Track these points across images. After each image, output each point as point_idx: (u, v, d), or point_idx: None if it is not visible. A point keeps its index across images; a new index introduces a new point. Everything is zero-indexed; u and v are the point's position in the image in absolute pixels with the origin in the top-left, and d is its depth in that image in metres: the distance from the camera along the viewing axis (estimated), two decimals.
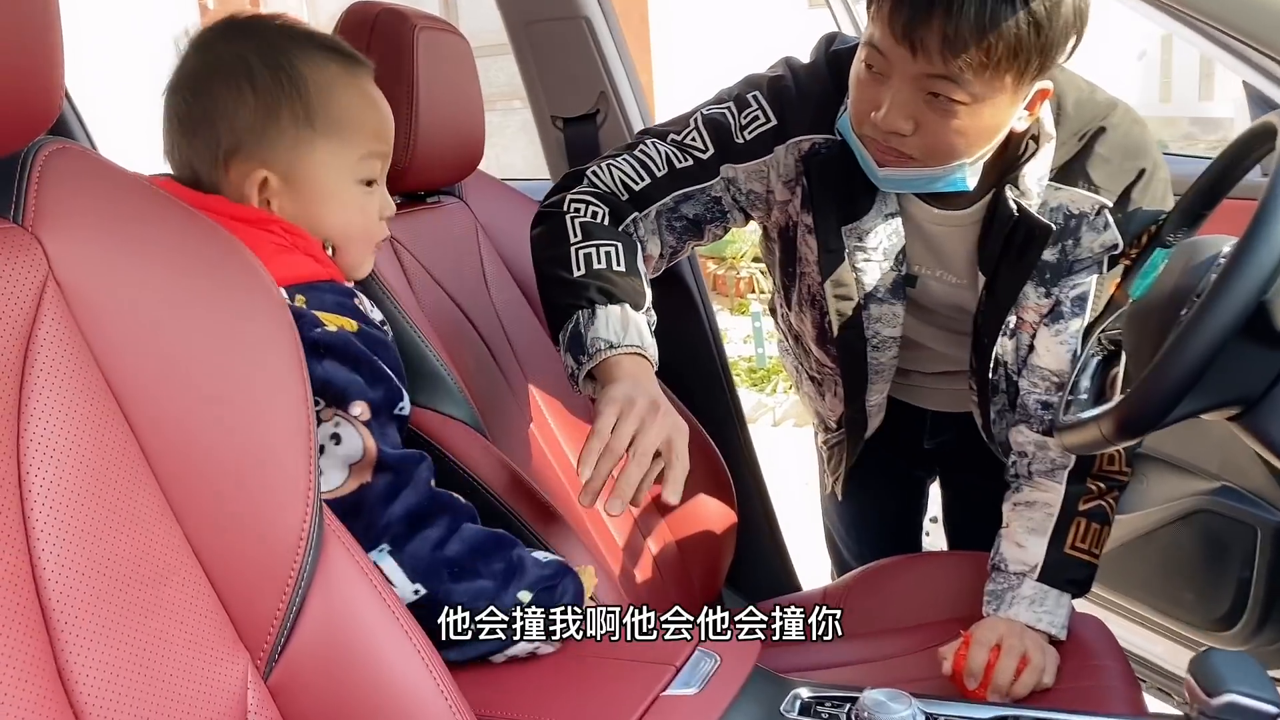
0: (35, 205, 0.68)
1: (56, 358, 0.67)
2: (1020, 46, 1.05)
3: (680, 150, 1.29)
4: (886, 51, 1.09)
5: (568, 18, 1.55)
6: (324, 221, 0.97)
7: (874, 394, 1.45)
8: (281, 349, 0.80)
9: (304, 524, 0.78)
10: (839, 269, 1.30)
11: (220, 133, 0.94)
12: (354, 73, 0.98)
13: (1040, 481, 1.33)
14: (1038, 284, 1.26)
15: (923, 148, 1.14)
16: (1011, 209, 1.21)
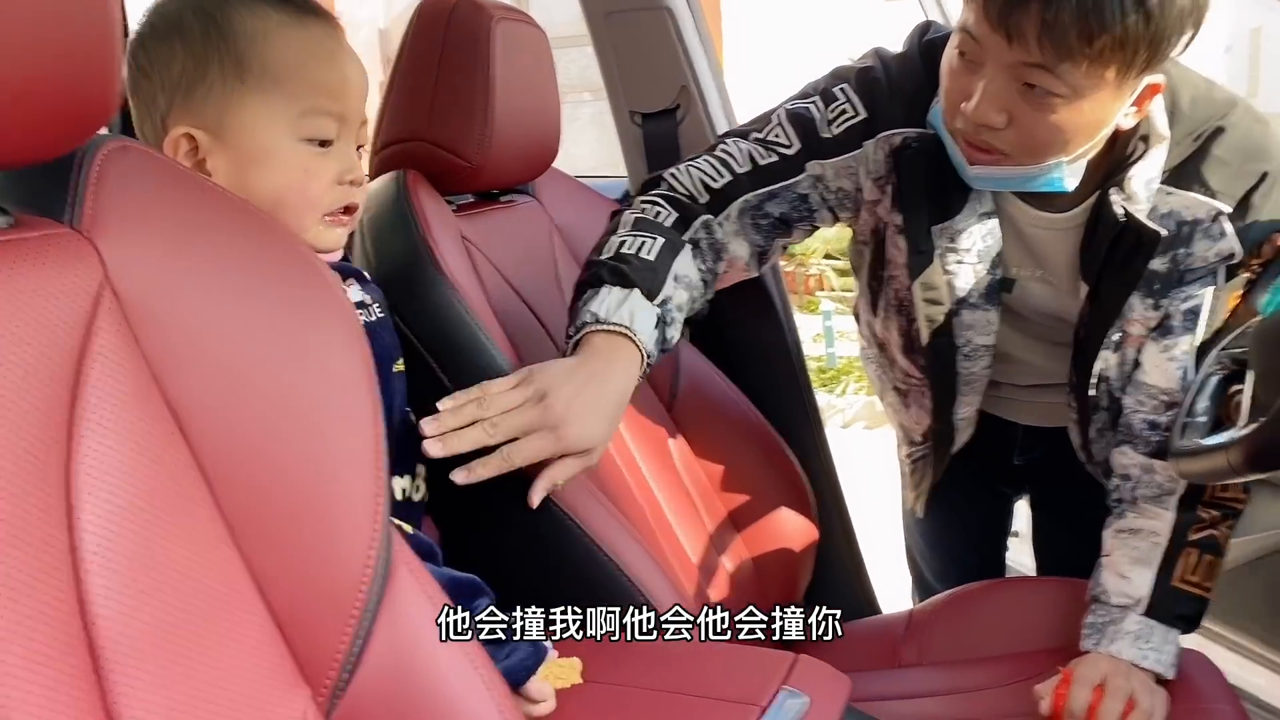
0: (92, 208, 0.64)
1: (112, 373, 0.63)
2: (1127, 37, 0.97)
3: (764, 146, 1.23)
4: (981, 38, 1.02)
5: (650, 8, 1.48)
6: (256, 183, 0.89)
7: (964, 407, 1.37)
8: (350, 360, 0.74)
9: (371, 548, 0.73)
10: (929, 271, 1.23)
11: (155, 91, 0.89)
12: (301, 23, 0.90)
13: (1146, 508, 1.24)
14: (1145, 295, 1.17)
15: (1016, 143, 1.06)
16: (1117, 214, 1.13)
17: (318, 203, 0.93)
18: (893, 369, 1.45)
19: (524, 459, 1.00)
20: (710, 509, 1.43)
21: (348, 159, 0.94)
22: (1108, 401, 1.27)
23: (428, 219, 1.13)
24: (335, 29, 0.94)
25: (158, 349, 0.65)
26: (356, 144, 0.96)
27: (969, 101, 1.05)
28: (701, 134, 1.57)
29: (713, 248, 1.22)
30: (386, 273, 1.12)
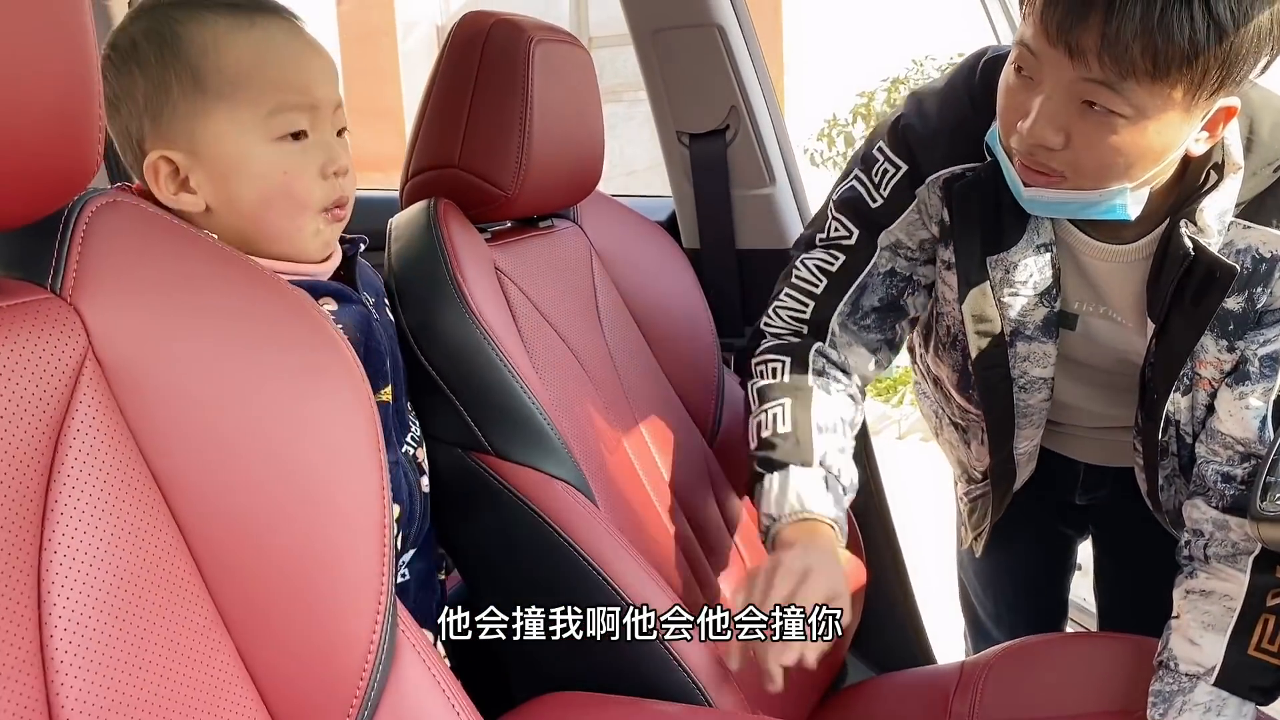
0: (76, 271, 0.59)
1: (93, 448, 0.58)
2: (1196, 54, 0.89)
3: (828, 250, 1.22)
4: (1039, 53, 0.95)
5: (699, 25, 1.42)
6: (239, 192, 0.87)
7: (1023, 440, 1.30)
8: (354, 427, 0.69)
9: (374, 633, 0.68)
10: (980, 301, 1.16)
11: (127, 120, 0.87)
12: (252, 23, 0.87)
13: (1219, 568, 1.15)
14: (1219, 335, 1.08)
15: (1074, 165, 0.99)
16: (1187, 247, 1.04)
17: (306, 201, 0.89)
18: (949, 404, 1.38)
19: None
20: (751, 549, 1.37)
21: (327, 149, 0.90)
22: (1177, 447, 1.19)
23: (456, 251, 1.08)
24: (289, 22, 0.90)
25: (144, 421, 0.61)
26: (336, 129, 0.92)
27: (1025, 120, 0.98)
28: (751, 154, 1.50)
29: (838, 367, 1.22)
30: (412, 304, 1.07)
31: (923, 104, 1.18)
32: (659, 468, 1.31)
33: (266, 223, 0.89)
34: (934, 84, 1.20)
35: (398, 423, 1.00)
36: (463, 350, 1.04)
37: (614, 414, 1.27)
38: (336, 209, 0.92)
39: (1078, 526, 1.55)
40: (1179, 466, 1.20)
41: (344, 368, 0.70)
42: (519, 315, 1.17)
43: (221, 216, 0.88)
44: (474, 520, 1.08)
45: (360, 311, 0.95)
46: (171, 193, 0.86)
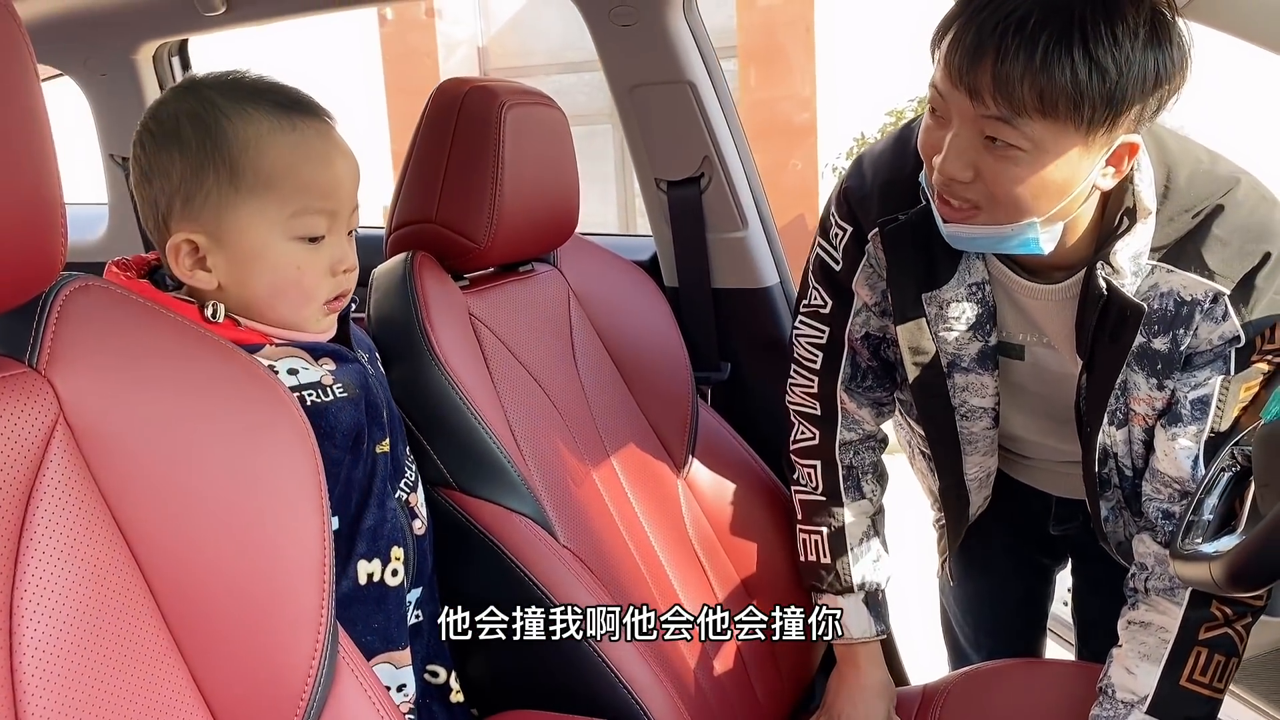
0: (51, 347, 0.69)
1: (61, 501, 0.68)
2: (1081, 94, 0.96)
3: (813, 324, 1.34)
4: (945, 94, 1.03)
5: (672, 82, 1.50)
6: (252, 280, 0.95)
7: (971, 466, 1.36)
8: (300, 473, 0.79)
9: (314, 657, 0.77)
10: (916, 334, 1.24)
11: (157, 194, 0.94)
12: (293, 126, 0.94)
13: (1157, 600, 1.20)
14: (1149, 374, 1.14)
15: (985, 196, 1.05)
16: (1101, 287, 1.10)
17: (313, 294, 0.98)
18: (914, 434, 1.45)
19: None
20: (721, 576, 1.44)
21: (338, 250, 0.99)
22: (1119, 479, 1.24)
23: (428, 302, 1.17)
24: (325, 125, 0.98)
25: (109, 475, 0.70)
26: (349, 229, 1.00)
27: (939, 156, 1.05)
28: (725, 201, 1.58)
29: (860, 442, 1.38)
30: (388, 353, 1.17)
31: (862, 166, 1.26)
32: (628, 497, 1.39)
33: (273, 308, 0.97)
34: (874, 147, 1.28)
35: (393, 469, 1.07)
36: (429, 394, 1.14)
37: (584, 448, 1.35)
38: (337, 300, 1.01)
39: (1055, 555, 1.60)
40: (1123, 498, 1.26)
41: (290, 424, 0.80)
42: (491, 358, 1.26)
43: (231, 294, 0.96)
44: (447, 552, 1.17)
45: (358, 369, 1.03)
46: (188, 269, 0.94)
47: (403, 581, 1.03)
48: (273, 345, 0.97)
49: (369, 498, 1.00)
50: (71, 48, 1.91)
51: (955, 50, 0.99)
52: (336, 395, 0.97)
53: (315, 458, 0.80)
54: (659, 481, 1.44)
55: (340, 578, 0.97)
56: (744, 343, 1.67)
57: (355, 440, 0.99)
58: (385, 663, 1.01)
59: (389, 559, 1.01)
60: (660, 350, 1.51)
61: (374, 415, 1.03)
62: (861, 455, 1.39)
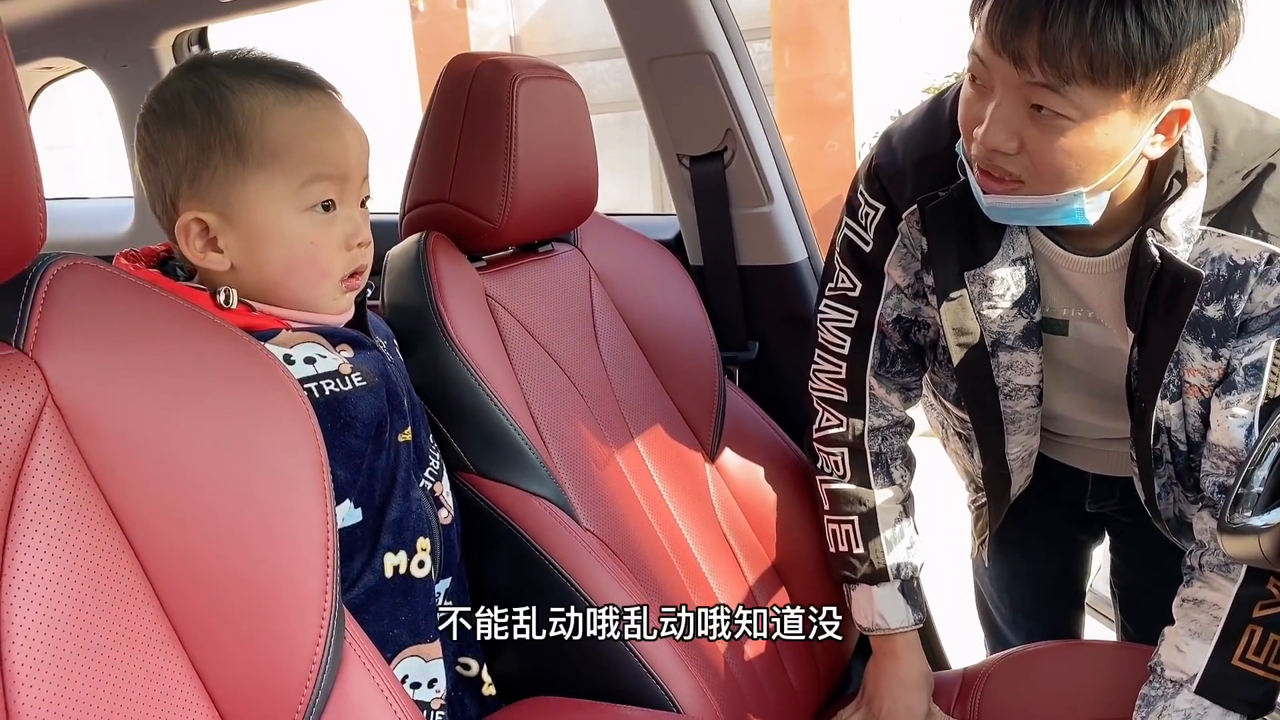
0: (38, 328, 0.67)
1: (51, 486, 0.66)
2: (1133, 59, 0.91)
3: (840, 307, 1.29)
4: (988, 61, 0.99)
5: (692, 53, 1.46)
6: (266, 256, 0.92)
7: (1014, 446, 1.32)
8: (301, 455, 0.76)
9: (318, 645, 0.74)
10: (959, 314, 1.19)
11: (163, 175, 0.91)
12: (299, 98, 0.93)
13: (1211, 577, 1.15)
14: (1203, 344, 1.09)
15: (1029, 169, 1.01)
16: (1154, 255, 1.05)
17: (328, 269, 0.95)
18: (949, 415, 1.41)
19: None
20: (753, 560, 1.41)
21: (351, 222, 0.96)
22: (1170, 455, 1.19)
23: (442, 284, 1.15)
24: (331, 98, 0.96)
25: (101, 458, 0.68)
26: (361, 198, 0.98)
27: (980, 127, 1.01)
28: (749, 175, 1.53)
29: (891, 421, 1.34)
30: (403, 337, 1.14)
31: (891, 142, 1.22)
32: (655, 481, 1.36)
33: (288, 287, 0.94)
34: (902, 121, 1.24)
35: (416, 459, 1.04)
36: (444, 377, 1.11)
37: (608, 430, 1.32)
38: (354, 277, 0.98)
39: (1091, 531, 1.56)
40: (1175, 474, 1.21)
41: (292, 406, 0.77)
42: (509, 339, 1.23)
43: (244, 275, 0.93)
44: (470, 538, 1.14)
45: (376, 356, 1.00)
46: (199, 250, 0.92)
47: (430, 573, 1.00)
48: (289, 330, 0.94)
49: (393, 488, 0.98)
50: (91, 41, 1.91)
51: (998, 15, 0.95)
52: (355, 384, 0.95)
53: (316, 438, 0.77)
54: (686, 465, 1.41)
55: (365, 571, 0.95)
56: (772, 321, 1.62)
57: (377, 430, 0.96)
58: (413, 656, 0.98)
59: (415, 550, 0.99)
60: (685, 330, 1.48)
61: (395, 404, 1.00)
62: (890, 441, 1.35)
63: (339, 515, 0.92)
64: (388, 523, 0.96)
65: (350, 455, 0.93)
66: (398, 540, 0.97)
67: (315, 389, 0.92)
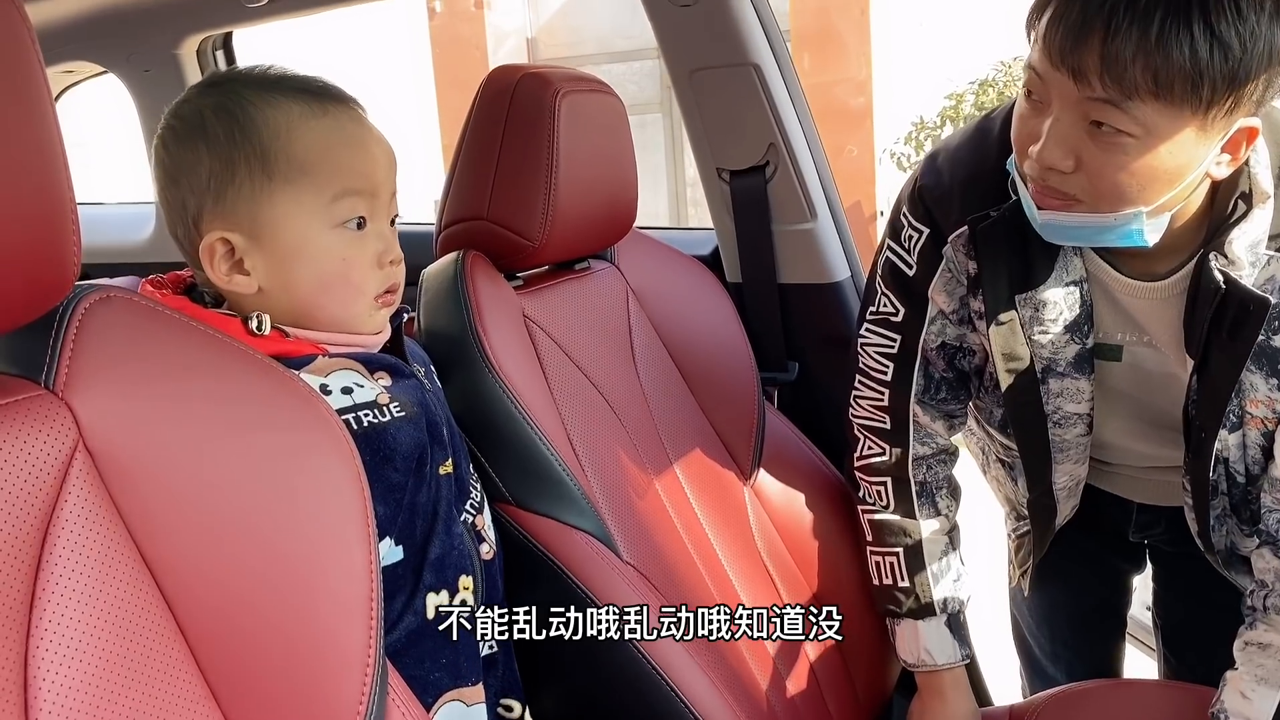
0: (69, 367, 0.63)
1: (83, 536, 0.62)
2: (1200, 74, 0.86)
3: (883, 333, 1.25)
4: (1045, 76, 0.94)
5: (736, 65, 1.41)
6: (297, 276, 0.88)
7: (1061, 474, 1.27)
8: (344, 498, 0.72)
9: (361, 701, 0.70)
10: (1009, 339, 1.14)
11: (185, 195, 0.87)
12: (324, 110, 0.89)
13: (1277, 620, 1.10)
14: (1269, 374, 1.04)
15: (1087, 188, 0.96)
16: (1218, 280, 1.00)
17: (362, 287, 0.91)
18: (992, 442, 1.36)
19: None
20: (792, 589, 1.36)
21: (383, 239, 0.92)
22: (1227, 485, 1.15)
23: (480, 305, 1.10)
24: (356, 112, 0.92)
25: (134, 507, 0.64)
26: (390, 216, 0.94)
27: (1036, 144, 0.96)
28: (792, 191, 1.49)
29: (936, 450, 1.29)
30: (439, 359, 1.10)
31: (937, 162, 1.17)
32: (693, 508, 1.31)
33: (320, 307, 0.90)
34: (949, 140, 1.19)
35: (457, 491, 1.00)
36: (482, 403, 1.07)
37: (646, 456, 1.27)
38: (388, 294, 0.94)
39: (1134, 560, 1.51)
40: (1230, 506, 1.17)
41: (334, 445, 0.73)
42: (547, 362, 1.19)
43: (274, 298, 0.89)
44: (508, 572, 1.10)
45: (414, 385, 0.96)
46: (224, 273, 0.87)
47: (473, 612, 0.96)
48: (326, 357, 0.90)
49: (435, 524, 0.93)
50: (114, 44, 1.87)
51: (1056, 27, 0.90)
52: (394, 415, 0.90)
53: (361, 481, 0.73)
54: (725, 490, 1.36)
55: (406, 612, 0.90)
56: (812, 342, 1.57)
57: (418, 463, 0.92)
58: (455, 700, 0.93)
59: (457, 589, 0.94)
60: (724, 350, 1.43)
61: (435, 434, 0.95)
62: (935, 470, 1.30)
63: (381, 554, 0.87)
64: (430, 561, 0.92)
65: (390, 490, 0.88)
66: (439, 579, 0.92)
67: (354, 420, 0.87)
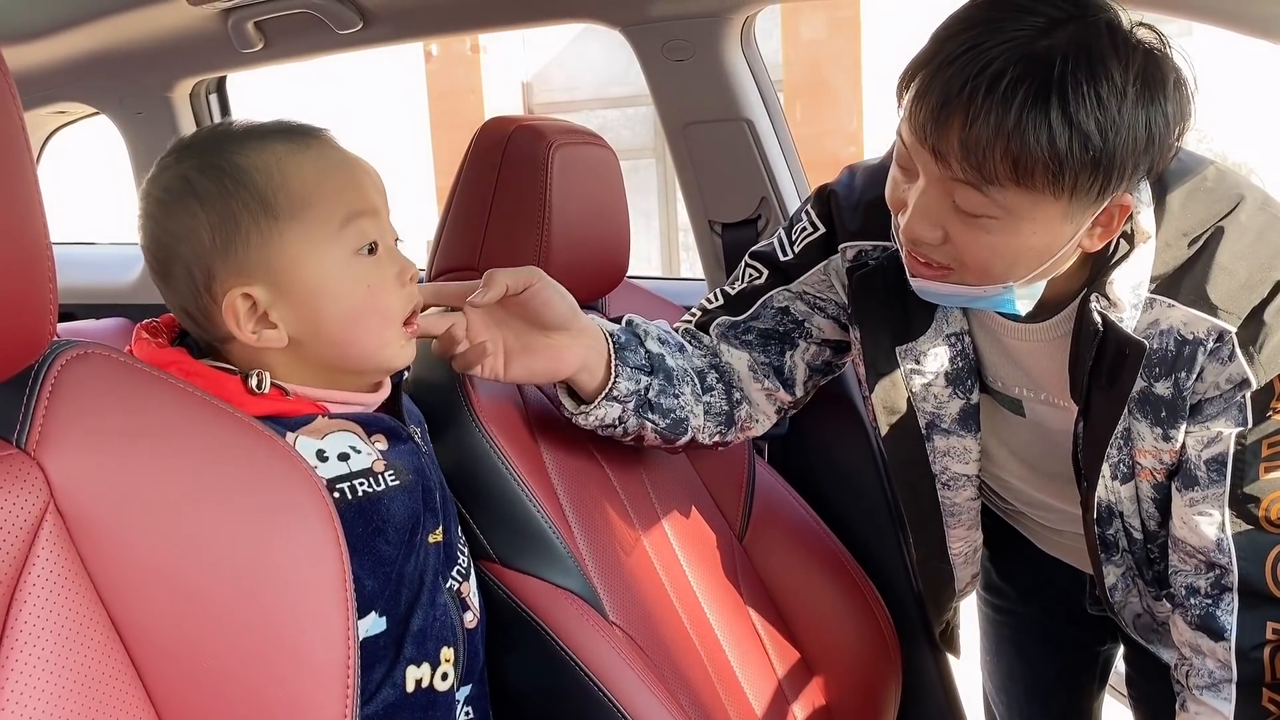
0: (41, 425, 0.61)
1: (50, 600, 0.60)
2: (1061, 163, 0.83)
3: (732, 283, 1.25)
4: (911, 150, 0.91)
5: (729, 120, 1.42)
6: (326, 314, 0.85)
7: (955, 541, 1.24)
8: (321, 566, 0.70)
9: None
10: (890, 393, 1.12)
11: (189, 264, 0.83)
12: (306, 144, 0.86)
13: (1203, 699, 1.03)
14: (1153, 423, 1.00)
15: (957, 260, 0.94)
16: (1096, 322, 0.96)
17: (390, 312, 0.88)
18: None
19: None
20: (780, 651, 1.34)
21: (398, 257, 0.90)
22: (1126, 542, 1.10)
23: None
24: (333, 140, 0.90)
25: (106, 569, 0.62)
26: (393, 236, 0.92)
27: (904, 214, 0.94)
28: None
29: (713, 365, 1.23)
30: (428, 413, 1.08)
31: (854, 175, 1.16)
32: (682, 567, 1.29)
33: (353, 344, 0.87)
34: (872, 159, 1.17)
35: (445, 558, 0.97)
36: (469, 459, 1.05)
37: (634, 511, 1.25)
38: (413, 317, 0.91)
39: (1099, 635, 1.43)
40: (1134, 563, 1.12)
41: (313, 508, 0.71)
42: (535, 417, 1.17)
43: (307, 347, 0.86)
44: (491, 634, 1.07)
45: (410, 449, 0.93)
46: (252, 331, 0.84)
47: (453, 685, 0.92)
48: (325, 417, 0.87)
49: (420, 594, 0.90)
50: (107, 86, 1.86)
51: (920, 105, 0.87)
52: (389, 484, 0.87)
53: (340, 545, 0.71)
54: (714, 548, 1.34)
55: (385, 684, 0.87)
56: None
57: (410, 532, 0.89)
58: None
59: (439, 662, 0.90)
60: None
61: (428, 502, 0.92)
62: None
63: (364, 627, 0.84)
64: (412, 632, 0.88)
65: (380, 563, 0.85)
66: (420, 651, 0.89)
67: (348, 489, 0.84)
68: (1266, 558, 0.97)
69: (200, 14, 1.60)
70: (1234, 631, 0.99)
